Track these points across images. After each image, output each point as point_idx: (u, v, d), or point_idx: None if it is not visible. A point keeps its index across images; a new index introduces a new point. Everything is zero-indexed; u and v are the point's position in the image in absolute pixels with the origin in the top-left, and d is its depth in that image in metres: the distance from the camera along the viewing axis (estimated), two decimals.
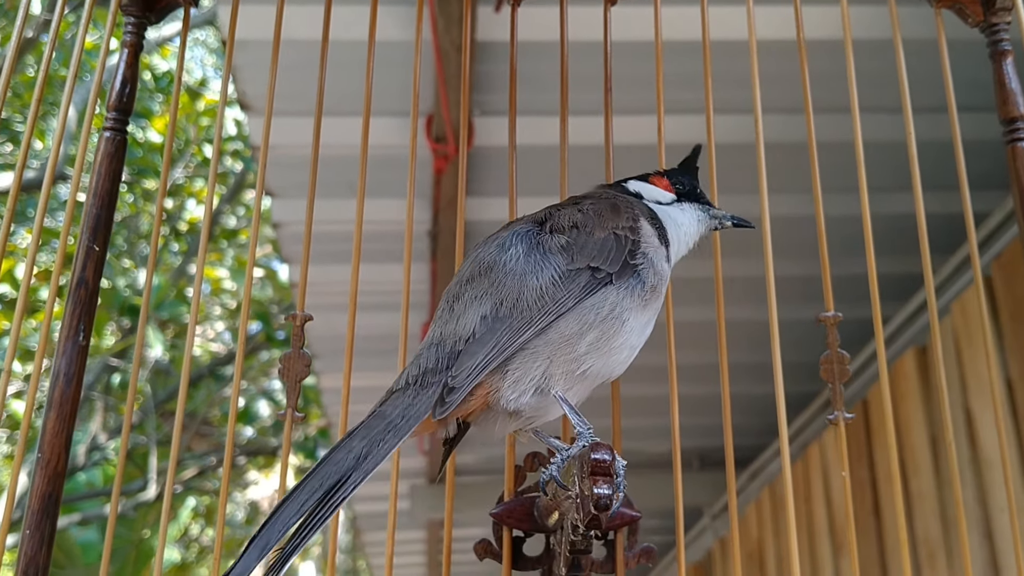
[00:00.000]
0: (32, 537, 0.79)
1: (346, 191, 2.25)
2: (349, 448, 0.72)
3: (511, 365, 0.77)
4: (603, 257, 0.82)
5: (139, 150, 5.68)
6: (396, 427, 0.74)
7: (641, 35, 0.97)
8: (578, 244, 0.82)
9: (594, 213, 0.86)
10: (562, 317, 0.78)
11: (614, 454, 0.69)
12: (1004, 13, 0.94)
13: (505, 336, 0.77)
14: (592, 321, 0.79)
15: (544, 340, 0.78)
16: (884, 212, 2.11)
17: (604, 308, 0.80)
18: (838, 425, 0.85)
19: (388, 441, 0.73)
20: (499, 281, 0.81)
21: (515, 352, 0.77)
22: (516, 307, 0.78)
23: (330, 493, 0.69)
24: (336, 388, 3.46)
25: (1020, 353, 2.18)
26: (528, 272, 0.80)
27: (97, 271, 0.87)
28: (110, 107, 0.92)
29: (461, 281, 0.84)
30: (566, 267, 0.81)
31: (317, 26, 1.00)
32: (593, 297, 0.80)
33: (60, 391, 0.83)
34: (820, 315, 0.89)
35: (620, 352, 0.81)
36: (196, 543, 7.75)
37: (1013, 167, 0.90)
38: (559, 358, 0.78)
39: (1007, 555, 2.18)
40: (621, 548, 0.89)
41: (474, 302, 0.81)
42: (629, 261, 0.82)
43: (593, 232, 0.83)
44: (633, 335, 0.82)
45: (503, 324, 0.77)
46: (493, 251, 0.84)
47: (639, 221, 0.87)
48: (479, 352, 0.76)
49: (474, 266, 0.84)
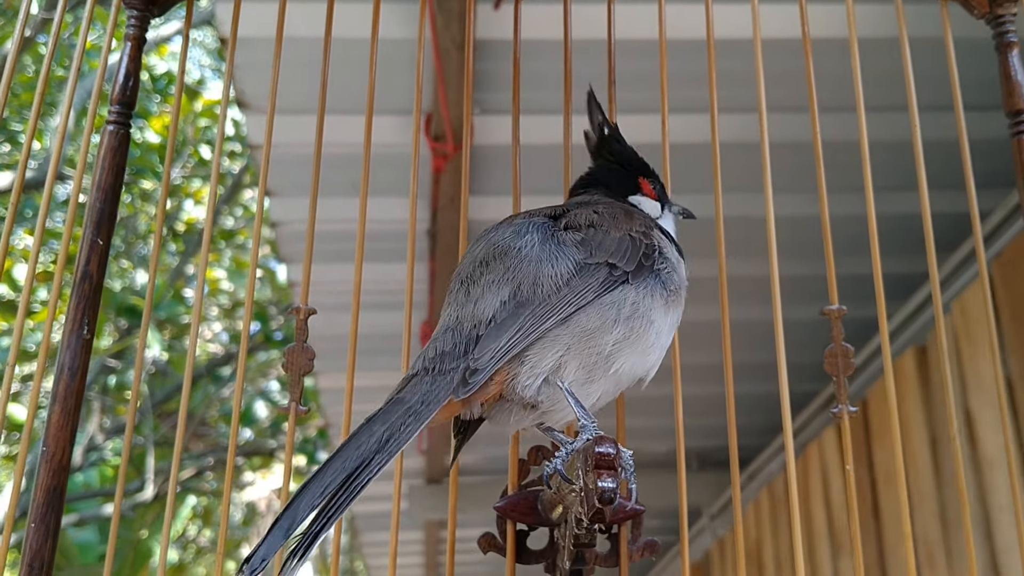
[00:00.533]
0: (37, 530, 0.79)
1: (345, 190, 2.25)
2: (371, 432, 0.71)
3: (530, 351, 0.77)
4: (620, 255, 0.81)
5: (137, 150, 5.67)
6: (416, 412, 0.73)
7: (644, 33, 0.97)
8: (595, 241, 0.82)
9: (609, 215, 0.86)
10: (582, 310, 0.78)
11: (618, 447, 0.69)
12: (1010, 4, 0.94)
13: (528, 322, 0.76)
14: (616, 318, 0.79)
15: (566, 330, 0.77)
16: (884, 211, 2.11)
17: (626, 307, 0.79)
18: (842, 419, 0.84)
19: (410, 425, 0.72)
20: (515, 267, 0.80)
21: (536, 339, 0.77)
22: (535, 294, 0.78)
23: (353, 475, 0.68)
24: (335, 388, 3.46)
25: (1021, 352, 2.18)
26: (544, 260, 0.80)
27: (101, 265, 0.87)
28: (113, 100, 0.92)
29: (475, 263, 0.84)
30: (583, 260, 0.80)
31: (315, 24, 1.00)
32: (612, 294, 0.79)
33: (64, 385, 0.83)
34: (825, 308, 0.89)
35: (652, 352, 0.82)
36: (193, 544, 7.74)
37: (1019, 159, 0.90)
38: (578, 350, 0.78)
39: (1007, 555, 2.18)
40: (625, 541, 0.90)
41: (492, 286, 0.80)
42: (644, 263, 0.82)
43: (609, 231, 0.83)
44: (663, 336, 0.82)
45: (525, 309, 0.77)
46: (508, 236, 0.84)
47: (652, 229, 0.87)
48: (502, 336, 0.76)
49: (488, 249, 0.84)
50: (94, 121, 0.93)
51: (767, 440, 3.61)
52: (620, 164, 0.98)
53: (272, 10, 1.01)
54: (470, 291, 0.81)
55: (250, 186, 6.25)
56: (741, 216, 1.79)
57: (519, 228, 0.84)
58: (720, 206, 0.95)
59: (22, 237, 5.26)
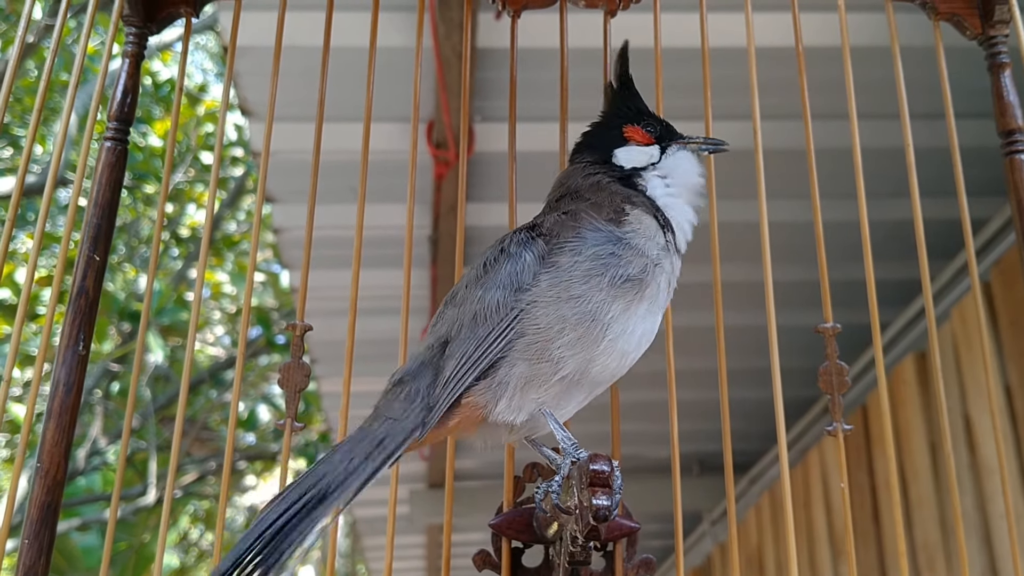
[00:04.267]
0: (31, 547, 0.78)
1: (346, 196, 2.26)
2: (333, 462, 0.70)
3: (493, 376, 0.75)
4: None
5: (139, 154, 5.69)
6: (381, 447, 0.72)
7: (640, 42, 0.98)
8: (556, 247, 0.79)
9: (569, 216, 0.82)
10: (531, 321, 0.75)
11: (612, 465, 0.69)
12: (1002, 26, 0.94)
13: (473, 347, 0.75)
14: (562, 325, 0.76)
15: (513, 349, 0.75)
16: (882, 218, 2.12)
17: (574, 310, 0.76)
18: (837, 437, 0.85)
19: (372, 462, 0.70)
20: (475, 294, 0.79)
21: (491, 363, 0.75)
22: (483, 315, 0.76)
23: (309, 505, 0.67)
24: (337, 392, 3.46)
25: (1019, 359, 2.18)
26: (499, 285, 0.78)
27: (98, 281, 0.86)
28: (111, 117, 0.92)
29: (449, 296, 0.83)
30: (540, 271, 0.78)
31: (316, 33, 1.01)
32: (564, 300, 0.76)
33: (60, 401, 0.82)
34: (819, 326, 0.89)
35: (607, 356, 0.78)
36: (195, 547, 7.75)
37: (1011, 179, 0.90)
38: (528, 365, 0.75)
39: (1006, 561, 2.18)
40: (620, 559, 0.89)
41: (448, 312, 0.80)
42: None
43: (564, 232, 0.80)
44: (621, 339, 0.78)
45: (469, 334, 0.76)
46: (488, 254, 0.82)
47: (626, 212, 0.83)
48: (448, 367, 0.75)
49: (471, 272, 0.83)
50: (94, 125, 0.94)
51: (768, 445, 3.61)
52: (602, 120, 0.95)
53: (272, 19, 1.02)
54: (439, 318, 0.81)
55: (252, 191, 6.26)
56: (740, 222, 1.80)
57: (496, 246, 0.82)
58: (715, 212, 0.95)
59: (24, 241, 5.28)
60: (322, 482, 0.68)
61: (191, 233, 6.45)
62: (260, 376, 6.68)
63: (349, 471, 0.69)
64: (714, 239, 0.95)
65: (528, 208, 0.97)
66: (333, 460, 0.70)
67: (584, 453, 0.72)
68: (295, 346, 0.90)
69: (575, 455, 0.74)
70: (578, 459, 0.72)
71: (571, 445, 0.75)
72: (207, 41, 6.68)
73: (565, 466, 0.75)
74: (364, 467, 0.70)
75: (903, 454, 2.62)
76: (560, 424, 0.77)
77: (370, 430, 0.73)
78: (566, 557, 0.83)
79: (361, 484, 0.69)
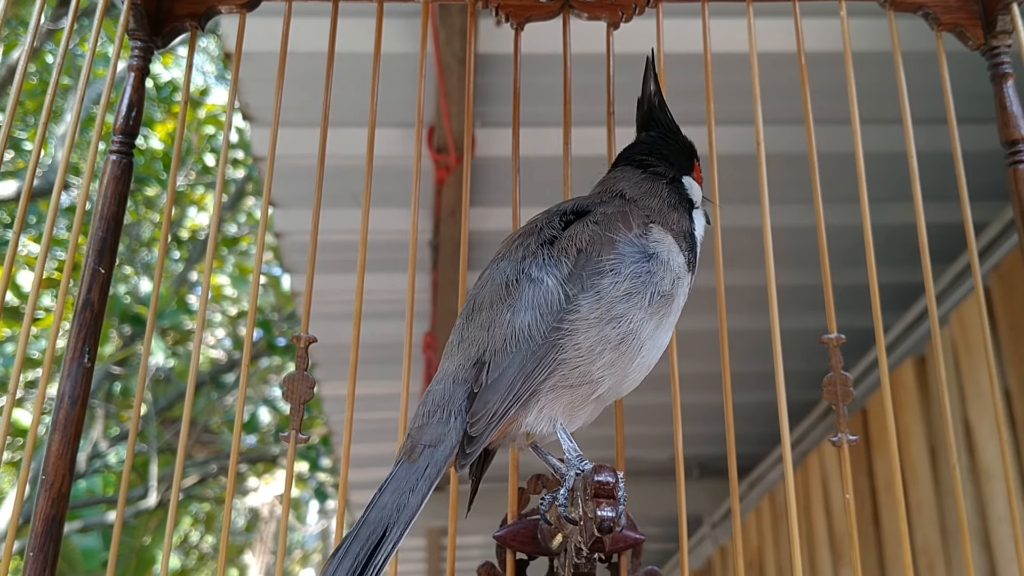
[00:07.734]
0: (36, 559, 0.78)
1: (348, 201, 2.26)
2: (384, 504, 0.71)
3: (527, 406, 0.76)
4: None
5: (141, 157, 5.69)
6: (425, 477, 0.73)
7: (642, 48, 0.98)
8: (585, 268, 0.79)
9: (605, 227, 0.82)
10: (573, 344, 0.76)
11: (617, 476, 0.69)
12: (1005, 36, 0.94)
13: (520, 382, 0.75)
14: (604, 346, 0.76)
15: (561, 372, 0.76)
16: (883, 222, 2.12)
17: (615, 331, 0.77)
18: (841, 447, 0.85)
19: (417, 495, 0.72)
20: (503, 316, 0.78)
21: (530, 394, 0.75)
22: (515, 340, 0.76)
23: (375, 552, 0.69)
24: (338, 396, 3.46)
25: (1019, 363, 2.19)
26: (528, 307, 0.77)
27: (103, 294, 0.86)
28: (116, 130, 0.92)
29: (474, 304, 0.82)
30: (571, 294, 0.77)
31: (317, 39, 1.01)
32: (603, 322, 0.77)
33: (65, 413, 0.83)
34: (823, 337, 0.89)
35: (638, 372, 0.79)
36: (196, 550, 7.75)
37: (1014, 189, 0.91)
38: (568, 389, 0.76)
39: (1006, 565, 2.18)
40: (625, 571, 0.89)
41: (472, 331, 0.79)
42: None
43: (601, 252, 0.80)
44: (651, 355, 0.79)
45: (513, 367, 0.75)
46: (507, 270, 0.81)
47: (650, 230, 0.83)
48: (491, 400, 0.75)
49: (483, 290, 0.82)
50: (102, 128, 0.94)
51: (768, 449, 3.61)
52: (679, 143, 0.95)
53: (277, 25, 1.03)
54: (462, 340, 0.80)
55: (253, 194, 6.27)
56: (743, 226, 1.80)
57: (514, 265, 0.81)
58: (718, 216, 0.96)
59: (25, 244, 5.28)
60: (379, 528, 0.70)
61: (191, 235, 6.45)
62: (261, 379, 6.68)
63: (400, 507, 0.71)
64: (717, 243, 0.95)
65: (529, 212, 0.97)
66: (384, 502, 0.72)
67: (588, 464, 0.73)
68: (300, 358, 0.89)
69: (579, 467, 0.74)
70: (582, 471, 0.72)
71: (576, 456, 0.75)
72: (208, 44, 6.68)
73: (570, 478, 0.75)
74: (412, 500, 0.72)
75: (902, 458, 2.62)
76: (568, 435, 0.78)
77: (412, 466, 0.74)
78: (571, 569, 0.83)
79: (412, 516, 0.71)
